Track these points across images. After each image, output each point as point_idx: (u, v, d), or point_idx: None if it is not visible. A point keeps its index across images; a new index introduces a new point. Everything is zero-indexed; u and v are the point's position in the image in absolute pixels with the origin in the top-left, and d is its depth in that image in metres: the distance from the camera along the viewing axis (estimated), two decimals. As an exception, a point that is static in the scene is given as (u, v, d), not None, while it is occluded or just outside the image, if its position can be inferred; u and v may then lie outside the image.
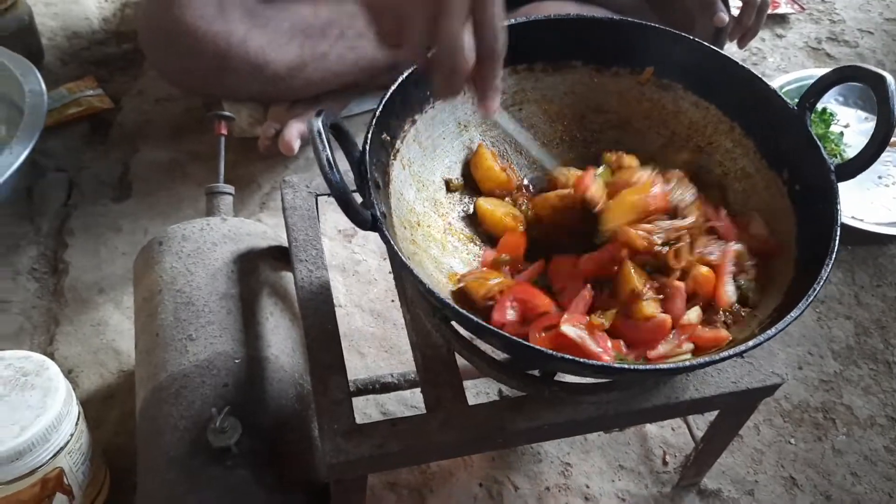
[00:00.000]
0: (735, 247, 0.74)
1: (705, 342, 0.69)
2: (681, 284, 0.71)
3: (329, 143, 0.62)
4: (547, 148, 0.87)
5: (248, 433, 0.74)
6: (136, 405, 0.84)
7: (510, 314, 0.70)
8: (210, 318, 0.83)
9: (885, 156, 1.35)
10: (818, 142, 0.74)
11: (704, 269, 0.72)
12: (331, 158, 0.61)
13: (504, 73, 0.83)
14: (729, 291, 0.72)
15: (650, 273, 0.72)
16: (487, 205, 0.82)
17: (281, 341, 0.85)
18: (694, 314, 0.70)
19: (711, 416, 0.87)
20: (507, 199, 0.84)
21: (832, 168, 0.72)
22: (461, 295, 0.74)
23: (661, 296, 0.70)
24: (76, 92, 1.35)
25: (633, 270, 0.70)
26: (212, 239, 0.90)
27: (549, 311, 0.70)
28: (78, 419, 0.81)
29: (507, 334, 0.63)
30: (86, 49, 1.46)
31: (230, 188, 1.00)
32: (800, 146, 0.75)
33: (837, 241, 0.67)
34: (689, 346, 0.69)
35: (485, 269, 0.76)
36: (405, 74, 0.75)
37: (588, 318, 0.68)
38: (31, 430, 0.74)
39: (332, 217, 1.21)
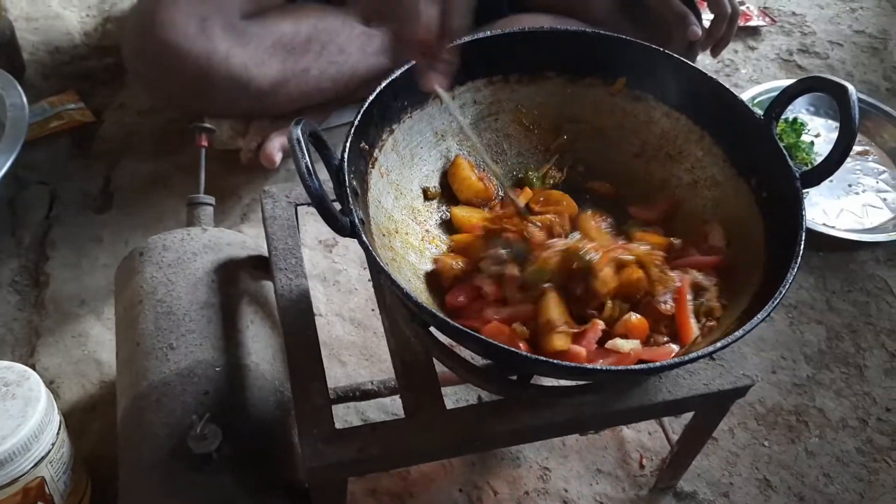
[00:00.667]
0: (688, 279, 0.75)
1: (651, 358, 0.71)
2: (598, 323, 0.71)
3: (308, 151, 0.63)
4: (521, 157, 0.89)
5: (228, 440, 0.75)
6: (118, 414, 0.84)
7: (461, 299, 0.74)
8: (190, 326, 0.84)
9: (854, 165, 1.40)
10: (784, 150, 0.76)
11: (635, 318, 0.72)
12: (310, 166, 0.62)
13: (480, 83, 0.86)
14: (693, 328, 0.73)
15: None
16: (463, 212, 0.83)
17: (261, 349, 0.86)
18: (629, 346, 0.70)
19: (686, 419, 0.88)
20: (484, 208, 0.86)
21: (797, 175, 0.74)
22: (432, 278, 0.78)
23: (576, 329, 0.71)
24: (58, 106, 1.35)
25: (553, 302, 0.72)
26: (192, 249, 0.91)
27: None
28: (59, 429, 0.82)
29: (485, 338, 0.65)
30: (67, 63, 1.47)
31: (211, 199, 1.01)
32: (767, 155, 0.77)
33: (802, 246, 0.69)
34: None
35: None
36: (383, 84, 0.77)
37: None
38: (11, 439, 0.75)
39: (313, 227, 1.22)
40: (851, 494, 1.01)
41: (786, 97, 0.78)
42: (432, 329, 0.74)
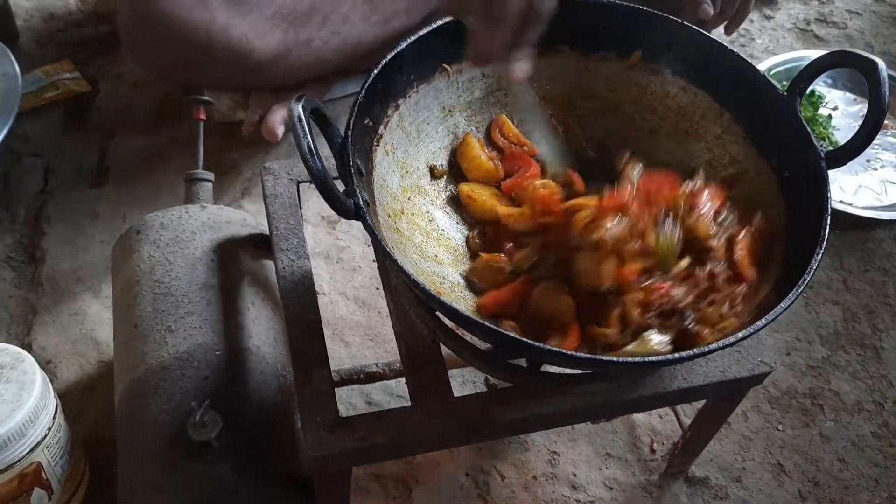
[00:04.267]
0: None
1: None
2: None
3: (310, 129, 0.60)
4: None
5: (228, 426, 0.73)
6: (115, 398, 0.82)
7: None
8: (189, 308, 0.81)
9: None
10: (808, 129, 0.72)
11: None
12: (312, 145, 0.59)
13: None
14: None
15: None
16: (471, 190, 0.80)
17: (262, 332, 0.83)
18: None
19: (699, 403, 0.86)
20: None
21: (822, 156, 0.71)
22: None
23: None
24: (52, 75, 1.32)
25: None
26: (191, 227, 0.88)
27: None
28: (55, 412, 0.79)
29: (491, 326, 0.62)
30: (62, 31, 1.43)
31: (210, 175, 0.98)
32: (789, 133, 0.74)
33: (828, 230, 0.66)
34: None
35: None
36: (388, 58, 0.73)
37: None
38: (6, 424, 0.73)
39: (316, 203, 1.19)
40: (867, 480, 0.99)
41: (811, 72, 0.75)
42: (438, 313, 0.71)
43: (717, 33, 1.27)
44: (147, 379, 0.78)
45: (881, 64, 0.69)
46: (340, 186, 0.64)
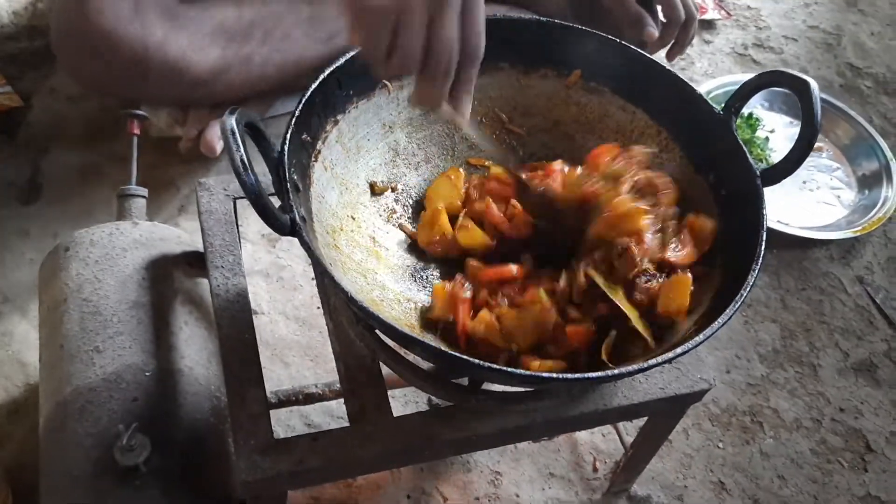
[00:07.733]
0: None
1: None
2: None
3: (244, 142, 0.59)
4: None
5: (158, 451, 0.70)
6: (40, 422, 0.79)
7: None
8: (119, 328, 0.78)
9: (809, 161, 1.38)
10: (744, 147, 0.73)
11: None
12: (245, 159, 0.58)
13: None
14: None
15: None
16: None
17: (196, 352, 0.81)
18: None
19: (641, 421, 0.86)
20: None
21: (758, 173, 0.71)
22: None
23: None
24: (-18, 89, 1.27)
25: None
26: (122, 244, 0.85)
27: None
28: (-26, 438, 0.76)
29: (431, 344, 0.61)
30: (-6, 44, 1.39)
31: (143, 190, 0.95)
32: (726, 151, 0.75)
33: (763, 247, 0.67)
34: None
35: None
36: (326, 73, 0.72)
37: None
38: (-81, 451, 0.69)
39: (256, 221, 1.16)
40: (806, 497, 0.99)
41: (746, 91, 0.76)
42: (378, 331, 0.70)
43: (658, 58, 1.29)
44: (73, 401, 0.75)
45: (813, 83, 0.70)
46: (277, 203, 0.63)
